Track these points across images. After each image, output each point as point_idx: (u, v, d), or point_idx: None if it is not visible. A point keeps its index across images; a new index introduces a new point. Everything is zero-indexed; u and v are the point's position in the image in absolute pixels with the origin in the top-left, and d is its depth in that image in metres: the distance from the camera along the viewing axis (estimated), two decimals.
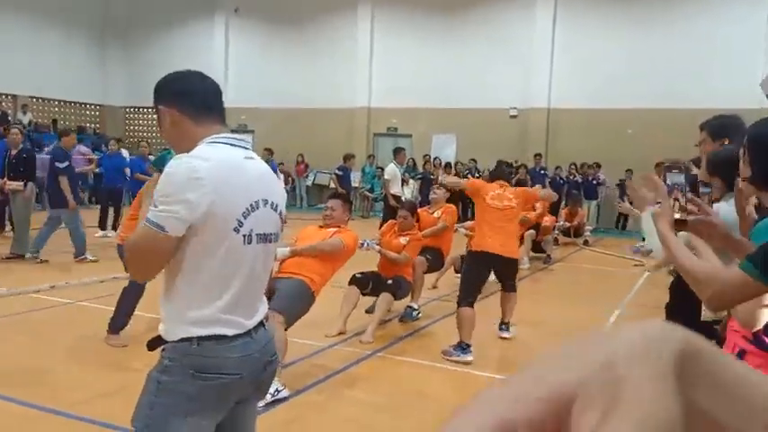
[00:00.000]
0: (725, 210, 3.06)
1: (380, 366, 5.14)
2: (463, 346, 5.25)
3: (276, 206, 2.03)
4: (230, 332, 1.88)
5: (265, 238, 1.98)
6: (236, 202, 1.87)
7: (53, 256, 8.95)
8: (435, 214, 7.13)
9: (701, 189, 3.27)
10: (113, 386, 4.38)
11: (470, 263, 5.66)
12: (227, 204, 1.84)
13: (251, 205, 1.91)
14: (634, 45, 16.80)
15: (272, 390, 4.04)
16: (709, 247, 2.02)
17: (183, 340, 1.85)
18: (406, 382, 4.81)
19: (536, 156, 17.07)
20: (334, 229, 5.22)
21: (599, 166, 16.60)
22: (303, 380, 4.60)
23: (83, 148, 14.94)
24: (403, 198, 12.67)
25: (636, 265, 10.58)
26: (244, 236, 1.89)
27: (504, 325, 5.98)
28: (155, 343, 1.95)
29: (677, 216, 1.92)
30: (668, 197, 1.92)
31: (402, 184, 17.77)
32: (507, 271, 5.82)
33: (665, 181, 1.96)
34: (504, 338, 5.92)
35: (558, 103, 17.96)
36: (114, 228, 11.31)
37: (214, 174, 1.81)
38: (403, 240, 6.20)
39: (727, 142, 3.29)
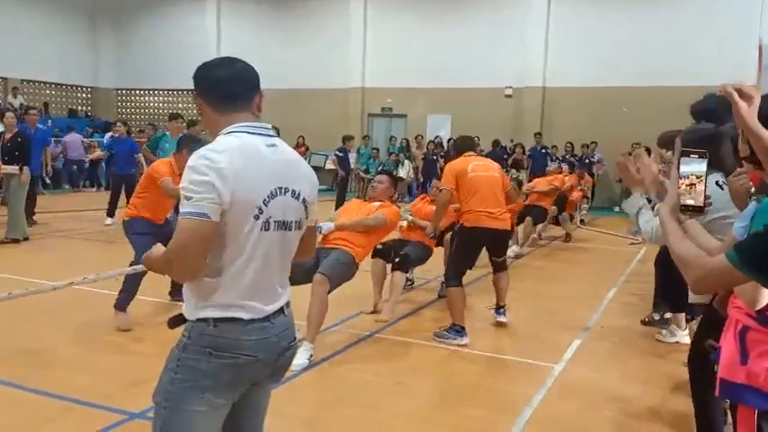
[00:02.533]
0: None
1: (380, 346, 5.16)
2: (457, 329, 5.14)
3: (298, 194, 2.03)
4: (246, 316, 1.93)
5: (284, 226, 1.99)
6: (255, 189, 1.90)
7: (51, 240, 8.92)
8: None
9: None
10: (114, 369, 4.39)
11: (464, 240, 5.41)
12: (247, 192, 1.87)
13: (271, 193, 1.93)
14: (629, 23, 16.73)
15: (305, 357, 4.47)
16: (705, 231, 2.03)
17: (200, 320, 1.92)
18: (404, 361, 4.84)
19: (536, 135, 17.05)
20: (378, 204, 5.57)
21: (595, 144, 16.61)
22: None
23: (75, 137, 14.78)
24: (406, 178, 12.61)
25: (632, 244, 10.61)
26: (263, 223, 1.92)
27: (500, 309, 5.74)
28: (176, 321, 2.01)
29: (690, 202, 1.87)
30: (676, 182, 1.89)
31: (397, 165, 17.79)
32: (500, 246, 5.70)
33: (678, 166, 1.91)
34: (501, 323, 5.72)
35: (554, 82, 17.91)
36: None
37: (231, 163, 1.84)
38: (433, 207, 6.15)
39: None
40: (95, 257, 8.82)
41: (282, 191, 1.97)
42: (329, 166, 18.08)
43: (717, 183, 3.06)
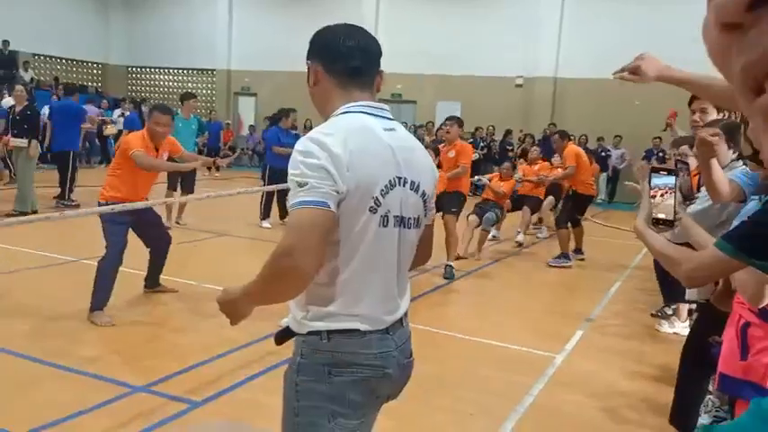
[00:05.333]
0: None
1: None
2: (566, 255, 7.96)
3: (418, 186, 1.73)
4: (364, 327, 1.66)
5: (403, 222, 1.70)
6: (372, 178, 1.61)
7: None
8: (450, 154, 7.33)
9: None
10: (118, 343, 4.42)
11: (577, 201, 8.32)
12: (363, 181, 1.59)
13: (390, 182, 1.64)
14: (643, 14, 16.55)
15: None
16: (703, 230, 2.05)
17: (311, 333, 1.66)
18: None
19: (550, 125, 16.97)
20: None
21: (620, 138, 16.58)
22: None
23: (93, 110, 14.79)
24: None
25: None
26: (381, 217, 1.63)
27: (579, 251, 8.61)
28: (283, 336, 1.77)
29: (661, 216, 1.92)
30: (648, 196, 1.96)
31: None
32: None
33: (649, 181, 1.97)
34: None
35: (565, 73, 17.78)
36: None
37: (345, 147, 1.57)
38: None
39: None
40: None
41: (401, 181, 1.68)
42: None
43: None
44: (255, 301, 1.68)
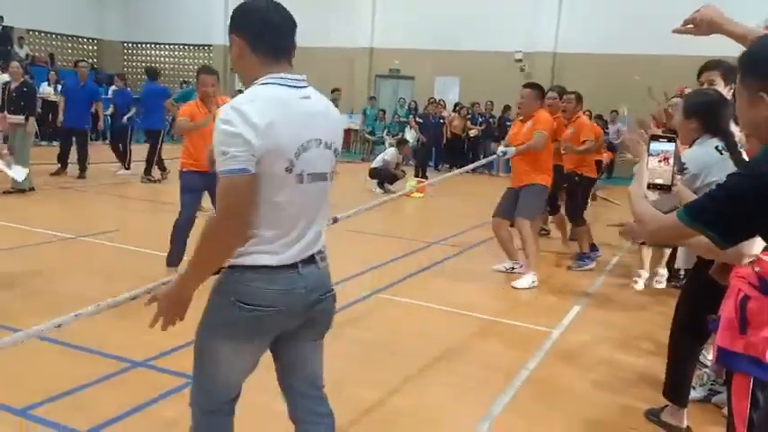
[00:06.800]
0: (697, 152, 3.09)
1: (379, 306, 5.21)
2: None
3: (331, 144, 2.03)
4: (275, 262, 1.93)
5: (319, 177, 1.99)
6: (286, 142, 1.86)
7: (57, 192, 8.93)
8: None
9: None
10: (121, 321, 4.45)
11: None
12: (278, 145, 1.84)
13: (302, 145, 1.91)
14: None
15: (528, 283, 5.83)
16: (693, 195, 2.11)
17: (230, 267, 1.95)
18: (403, 322, 4.89)
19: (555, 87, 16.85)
20: (530, 123, 5.95)
21: (616, 113, 16.40)
22: None
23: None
24: (410, 142, 12.43)
25: None
26: (297, 176, 1.91)
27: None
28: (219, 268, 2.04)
29: (659, 181, 2.06)
30: (646, 162, 2.08)
31: (405, 128, 17.69)
32: None
33: (648, 148, 2.08)
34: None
35: (564, 48, 17.65)
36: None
37: (262, 115, 1.80)
38: None
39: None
40: (100, 211, 8.87)
41: (316, 143, 1.96)
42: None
43: (716, 147, 3.07)
44: (198, 274, 1.92)
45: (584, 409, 3.60)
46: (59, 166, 11.08)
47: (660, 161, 2.06)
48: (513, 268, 6.35)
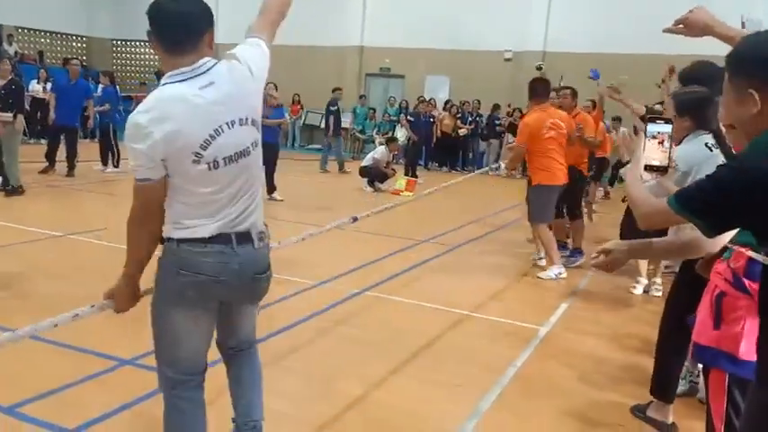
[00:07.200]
0: (688, 150, 3.12)
1: (369, 304, 5.23)
2: (579, 251, 6.85)
3: (246, 119, 2.08)
4: (204, 234, 2.05)
5: (239, 156, 2.06)
6: (186, 139, 1.94)
7: (46, 190, 8.87)
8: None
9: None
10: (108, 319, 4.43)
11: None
12: (177, 144, 1.92)
13: (210, 135, 1.97)
14: None
15: (553, 273, 6.21)
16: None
17: (169, 239, 2.09)
18: (393, 319, 4.91)
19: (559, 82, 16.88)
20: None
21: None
22: (293, 316, 4.68)
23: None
24: (400, 140, 12.39)
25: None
26: (208, 164, 1.99)
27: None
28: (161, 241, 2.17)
29: (655, 162, 2.09)
30: (643, 143, 2.12)
31: (395, 126, 17.69)
32: None
33: (646, 129, 2.10)
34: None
35: (554, 47, 17.70)
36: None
37: (158, 122, 1.90)
38: None
39: None
40: (88, 209, 8.83)
41: (227, 125, 2.01)
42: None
43: (706, 144, 3.09)
44: (133, 263, 2.13)
45: (572, 406, 3.63)
46: (47, 164, 11.02)
47: (659, 143, 2.09)
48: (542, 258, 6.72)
